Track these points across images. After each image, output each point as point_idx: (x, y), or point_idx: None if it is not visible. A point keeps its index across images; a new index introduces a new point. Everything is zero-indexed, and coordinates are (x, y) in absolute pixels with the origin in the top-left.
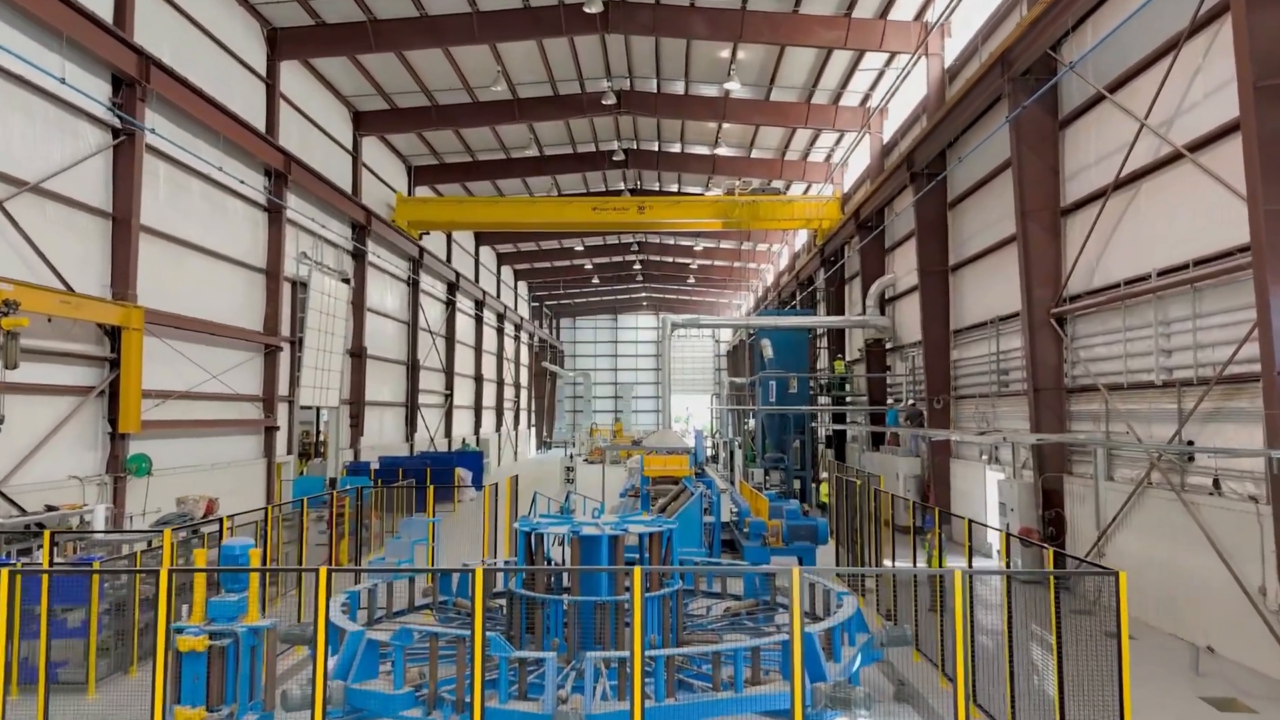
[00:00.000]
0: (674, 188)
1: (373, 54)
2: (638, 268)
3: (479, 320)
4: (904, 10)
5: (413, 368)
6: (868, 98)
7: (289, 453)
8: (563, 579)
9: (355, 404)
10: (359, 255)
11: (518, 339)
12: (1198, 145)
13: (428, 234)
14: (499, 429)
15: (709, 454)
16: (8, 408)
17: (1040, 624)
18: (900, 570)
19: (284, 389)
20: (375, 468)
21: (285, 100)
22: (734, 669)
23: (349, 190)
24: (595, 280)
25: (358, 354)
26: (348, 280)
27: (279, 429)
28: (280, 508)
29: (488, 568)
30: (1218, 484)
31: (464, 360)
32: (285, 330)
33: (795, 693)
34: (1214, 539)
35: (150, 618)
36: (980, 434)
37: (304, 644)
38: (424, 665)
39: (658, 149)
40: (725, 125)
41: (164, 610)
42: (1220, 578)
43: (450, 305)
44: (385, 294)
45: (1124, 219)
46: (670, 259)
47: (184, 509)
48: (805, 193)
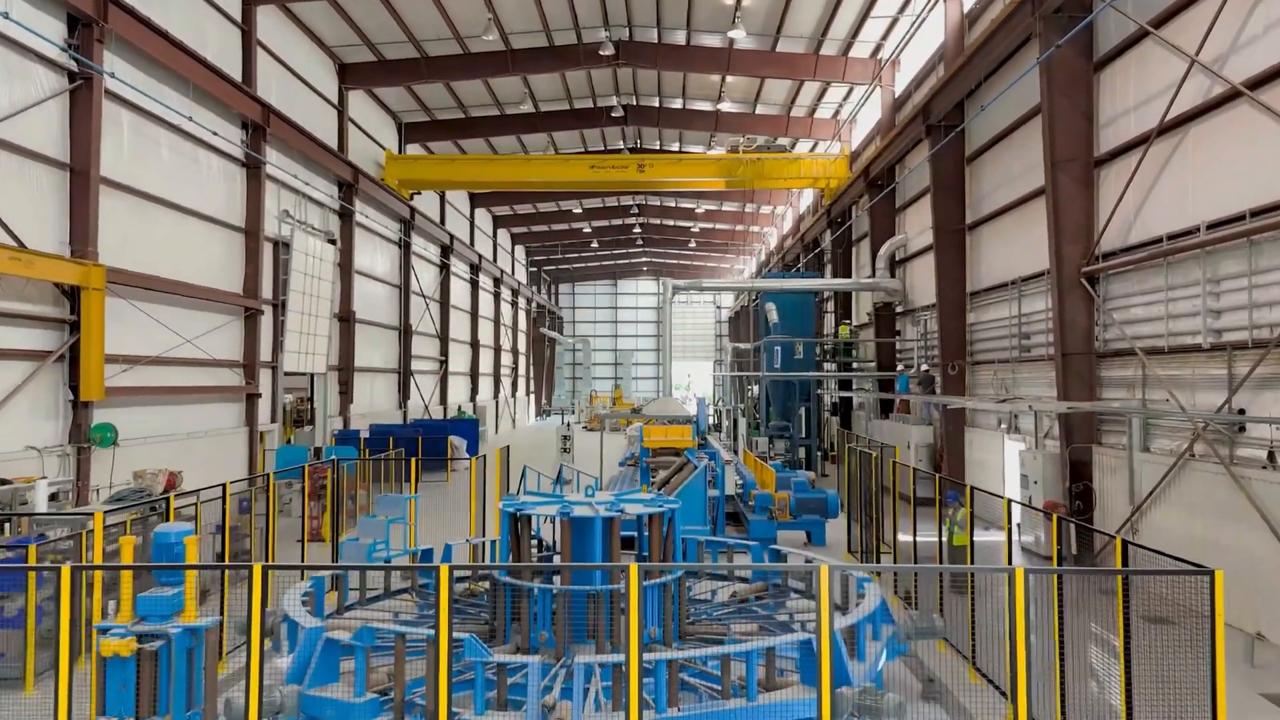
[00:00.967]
0: (675, 147)
1: None
2: (638, 231)
3: (474, 285)
4: None
5: (405, 333)
6: (879, 48)
7: (273, 421)
8: (553, 563)
9: (344, 370)
10: (346, 215)
11: (515, 304)
12: (1257, 83)
13: (419, 194)
14: (496, 396)
15: (711, 422)
16: None
17: (1073, 608)
18: (953, 570)
19: (267, 354)
20: (365, 436)
21: (263, 48)
22: (745, 669)
23: (335, 147)
24: (594, 245)
25: (346, 318)
26: (334, 241)
27: (261, 396)
28: (266, 477)
29: (455, 566)
30: (1273, 457)
31: (459, 326)
32: (267, 293)
33: (823, 708)
34: (1268, 516)
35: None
36: (1000, 401)
37: (266, 636)
38: (394, 663)
39: (658, 104)
40: (729, 79)
41: (67, 611)
42: (1274, 558)
43: (444, 269)
44: (375, 256)
45: (1168, 167)
46: (671, 222)
47: (141, 484)
48: (812, 150)
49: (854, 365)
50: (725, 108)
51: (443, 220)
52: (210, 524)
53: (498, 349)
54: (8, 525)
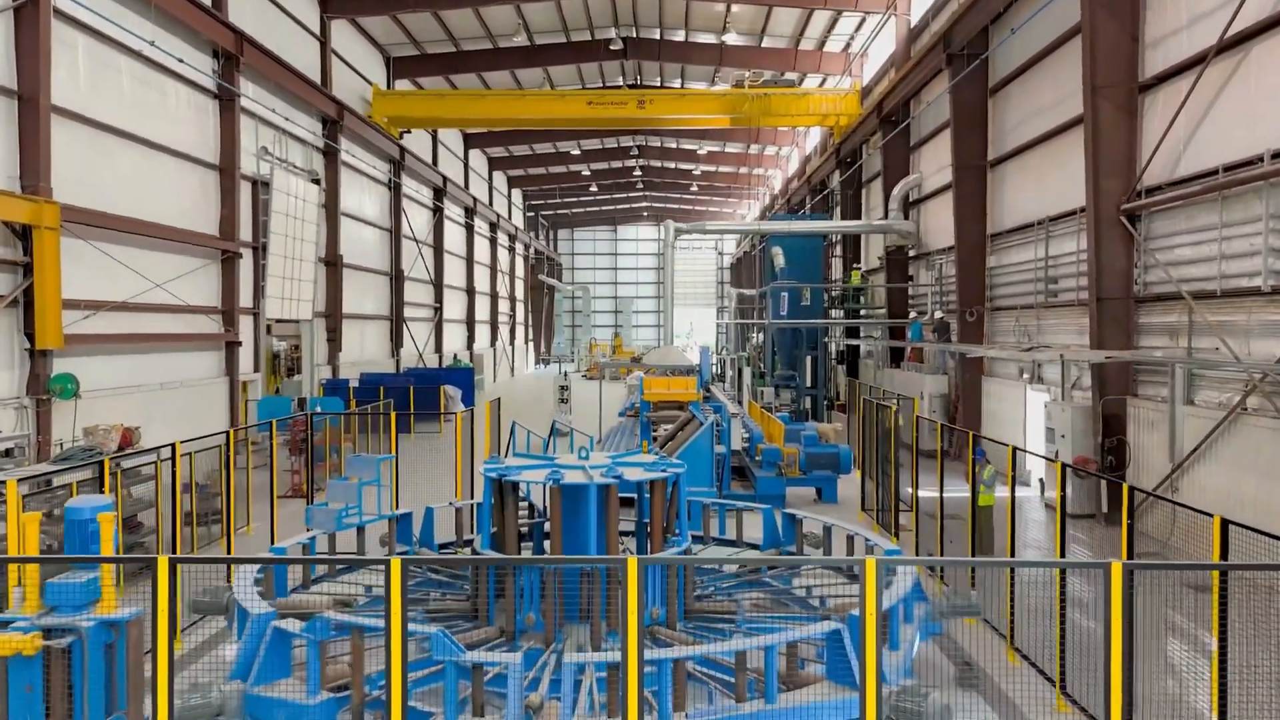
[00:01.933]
0: (677, 84)
1: None
2: (638, 174)
3: (470, 229)
4: None
5: (397, 279)
6: None
7: (256, 370)
8: (541, 540)
9: (332, 317)
10: (331, 154)
11: (512, 250)
12: None
13: (409, 133)
14: (494, 344)
15: (714, 372)
16: None
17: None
18: (1029, 564)
19: (248, 300)
20: (354, 386)
21: None
22: (764, 661)
23: (317, 80)
24: (593, 188)
25: (333, 262)
26: (318, 181)
27: (241, 344)
28: (226, 433)
29: (409, 559)
30: None
31: (454, 272)
32: (246, 235)
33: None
34: None
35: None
36: (1025, 350)
37: (220, 614)
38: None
39: (659, 36)
40: (734, 8)
41: None
42: None
43: (437, 212)
44: (363, 198)
45: (1226, 90)
46: (672, 164)
47: (92, 441)
48: (821, 86)
49: (861, 313)
50: (730, 39)
51: (435, 162)
52: (188, 481)
53: (494, 296)
54: None
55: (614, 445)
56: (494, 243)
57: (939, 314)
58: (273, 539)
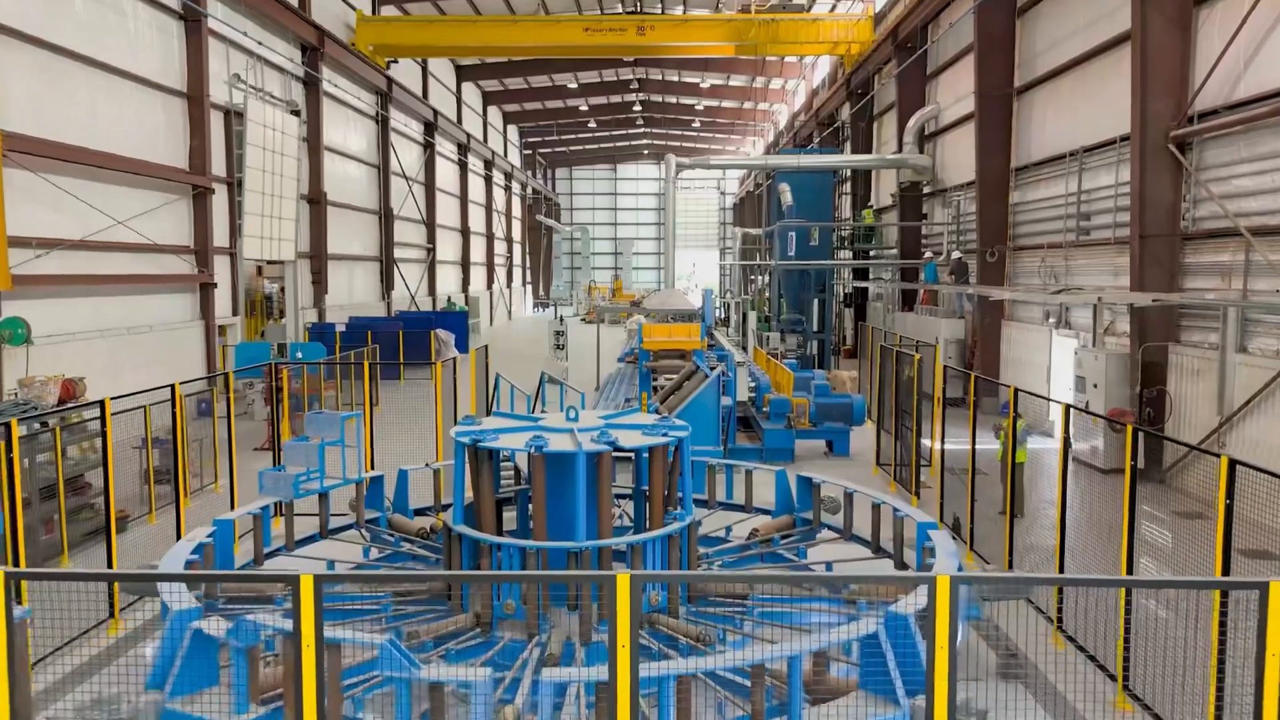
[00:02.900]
0: (679, 10)
1: None
2: (638, 110)
3: (463, 167)
4: None
5: (386, 218)
6: None
7: (235, 314)
8: (526, 506)
9: (316, 258)
10: (312, 84)
11: (509, 189)
12: None
13: (396, 63)
14: (490, 287)
15: (718, 316)
16: None
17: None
18: (1177, 584)
19: (223, 239)
20: (341, 330)
21: None
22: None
23: (294, 3)
24: (592, 124)
25: (316, 200)
26: (298, 113)
27: (217, 286)
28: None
29: (323, 576)
30: None
31: (447, 211)
32: (220, 169)
33: None
34: None
35: None
36: (1055, 292)
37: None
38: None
39: None
40: None
41: None
42: None
43: (429, 148)
44: (348, 131)
45: None
46: (674, 99)
47: (29, 394)
48: (832, 11)
49: (871, 254)
50: None
51: (425, 95)
52: (159, 433)
53: (490, 237)
54: None
55: (612, 395)
56: (489, 181)
57: (956, 254)
58: (233, 503)
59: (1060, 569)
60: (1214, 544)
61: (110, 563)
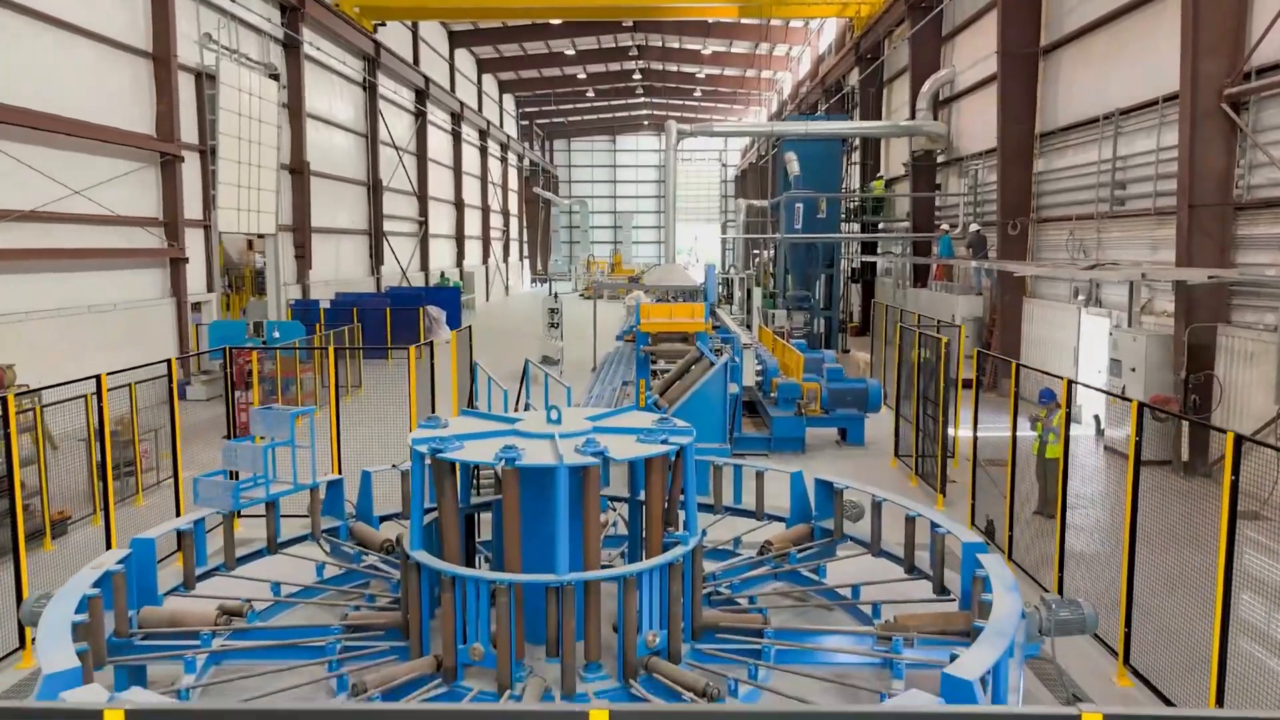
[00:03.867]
0: None
1: None
2: (638, 78)
3: (457, 137)
4: None
5: (375, 189)
6: None
7: (210, 290)
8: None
9: (299, 231)
10: (292, 46)
11: (505, 161)
12: None
13: (384, 25)
14: (486, 262)
15: (720, 293)
16: None
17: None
18: None
19: (196, 211)
20: (325, 307)
21: None
22: None
23: None
24: (590, 94)
25: (298, 170)
26: (276, 77)
27: (189, 261)
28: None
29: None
30: None
31: (440, 183)
32: (191, 136)
33: None
34: None
35: None
36: (1087, 268)
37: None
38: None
39: None
40: None
41: None
42: None
43: (420, 117)
44: (334, 98)
45: None
46: (674, 67)
47: None
48: None
49: (881, 226)
50: None
51: (416, 61)
52: (117, 423)
53: (486, 210)
54: None
55: (608, 377)
56: (484, 152)
57: (974, 227)
58: (178, 508)
59: (1128, 594)
60: None
61: (20, 582)
